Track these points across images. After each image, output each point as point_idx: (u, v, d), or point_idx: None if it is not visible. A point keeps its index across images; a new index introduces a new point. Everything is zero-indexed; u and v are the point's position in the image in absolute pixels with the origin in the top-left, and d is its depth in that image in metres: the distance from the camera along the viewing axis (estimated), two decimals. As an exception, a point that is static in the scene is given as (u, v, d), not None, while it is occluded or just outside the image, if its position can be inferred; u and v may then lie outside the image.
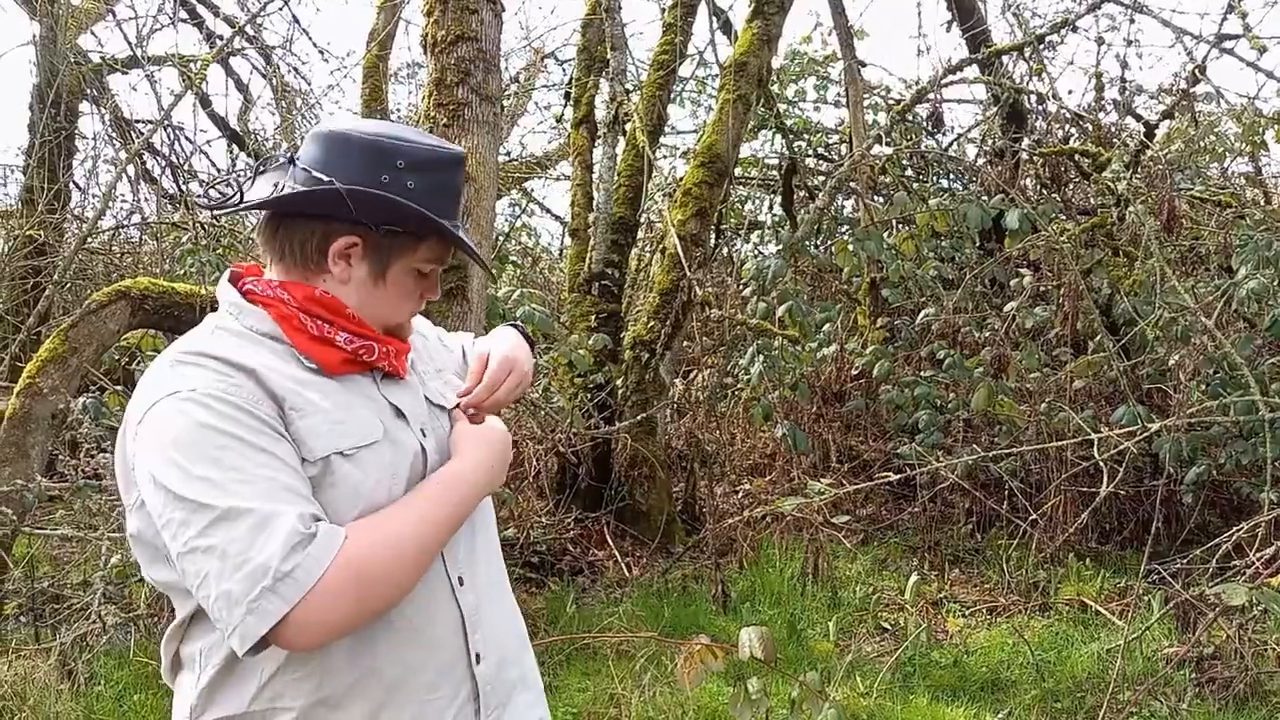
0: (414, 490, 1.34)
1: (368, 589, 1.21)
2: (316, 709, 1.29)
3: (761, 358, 5.46)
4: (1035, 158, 7.34)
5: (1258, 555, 3.93)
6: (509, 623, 1.54)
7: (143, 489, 1.25)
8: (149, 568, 1.33)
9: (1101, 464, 4.47)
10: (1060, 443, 5.08)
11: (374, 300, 1.41)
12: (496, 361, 1.54)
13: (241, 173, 1.46)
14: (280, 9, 8.66)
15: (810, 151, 8.93)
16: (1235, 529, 4.24)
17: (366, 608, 1.23)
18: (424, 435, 1.42)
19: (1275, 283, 5.09)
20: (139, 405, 1.28)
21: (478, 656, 1.42)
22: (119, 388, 4.79)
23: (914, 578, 4.13)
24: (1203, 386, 5.19)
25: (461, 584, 1.42)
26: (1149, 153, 6.82)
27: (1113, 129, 7.57)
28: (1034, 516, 5.01)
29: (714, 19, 7.72)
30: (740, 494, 6.25)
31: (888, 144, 7.59)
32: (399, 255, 1.40)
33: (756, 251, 8.56)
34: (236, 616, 1.15)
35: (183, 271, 5.92)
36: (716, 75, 7.81)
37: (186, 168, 9.11)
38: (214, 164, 9.57)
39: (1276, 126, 7.06)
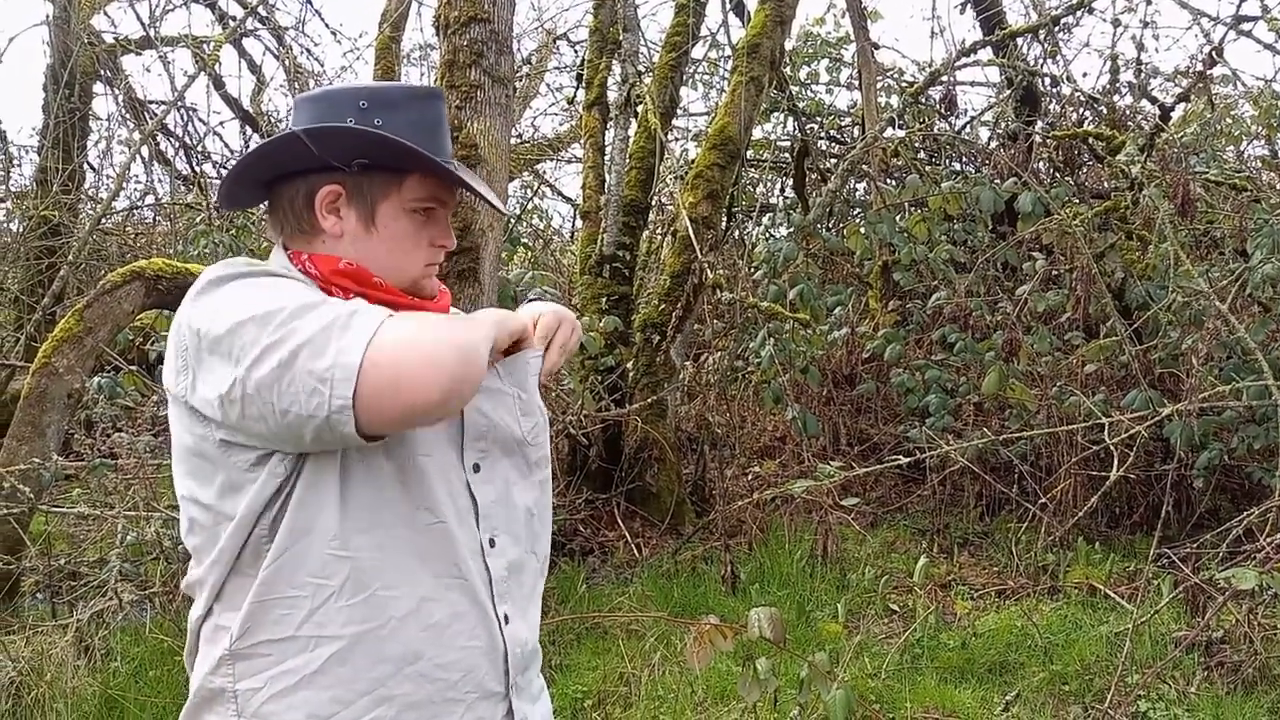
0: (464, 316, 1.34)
1: (404, 364, 1.14)
2: (365, 639, 1.29)
3: (772, 341, 5.47)
4: (1049, 141, 7.30)
5: (1268, 540, 3.93)
6: (536, 599, 1.53)
7: (202, 357, 1.22)
8: (200, 487, 1.30)
9: (1112, 448, 4.48)
10: (1071, 426, 5.07)
11: (375, 251, 1.38)
12: (548, 315, 1.51)
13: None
14: (292, -10, 8.65)
15: (822, 134, 8.90)
16: (1246, 513, 4.24)
17: (417, 373, 1.14)
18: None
19: (1290, 267, 5.06)
20: (186, 307, 1.27)
21: (505, 617, 1.42)
22: (133, 367, 4.82)
23: (923, 560, 4.13)
24: (1215, 371, 5.17)
25: (493, 545, 1.41)
26: (1164, 136, 6.77)
27: (1127, 112, 7.52)
28: (1044, 500, 5.01)
29: (727, 0, 7.69)
30: (750, 476, 6.27)
31: (900, 127, 7.55)
32: (383, 194, 1.37)
33: (768, 234, 8.53)
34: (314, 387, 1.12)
35: (196, 252, 5.95)
36: (729, 57, 7.79)
37: (200, 149, 9.15)
38: (227, 145, 9.61)
39: (1293, 110, 7.01)
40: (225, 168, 9.40)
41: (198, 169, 9.12)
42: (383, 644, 1.30)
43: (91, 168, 9.18)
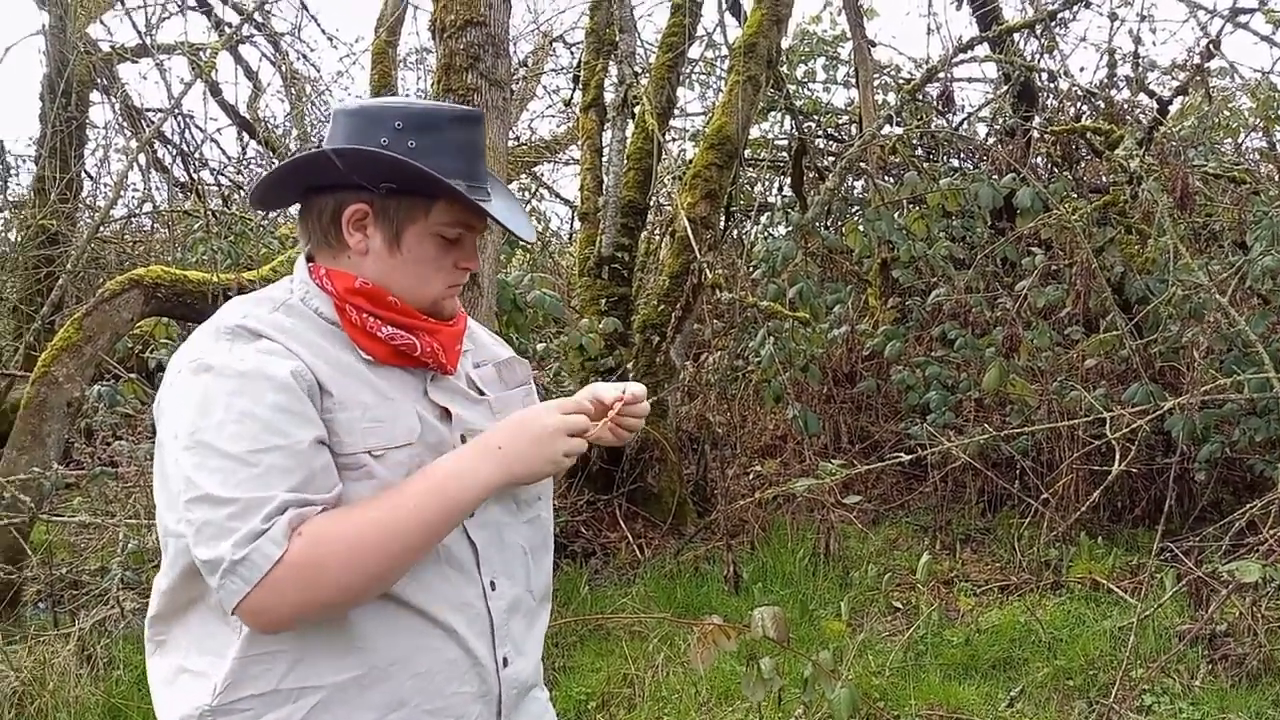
0: (399, 486, 1.29)
1: (313, 585, 1.21)
2: (349, 687, 1.30)
3: (772, 340, 5.46)
4: (1046, 136, 7.30)
5: (1271, 532, 3.93)
6: (537, 629, 1.53)
7: (162, 441, 1.29)
8: (167, 511, 1.33)
9: (1114, 442, 4.47)
10: (1072, 421, 5.07)
11: (397, 272, 1.38)
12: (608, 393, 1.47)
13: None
14: (288, -5, 8.66)
15: (820, 132, 8.89)
16: (1248, 506, 4.24)
17: (317, 599, 1.22)
18: (463, 441, 1.40)
19: (1289, 259, 5.06)
20: (178, 362, 1.30)
21: (505, 660, 1.42)
22: (133, 375, 4.82)
23: (925, 557, 4.12)
24: (1216, 364, 5.16)
25: (494, 588, 1.41)
26: (1162, 129, 6.77)
27: (1125, 106, 7.51)
28: (1046, 495, 5.00)
29: (723, 0, 7.69)
30: (751, 475, 6.26)
31: (898, 124, 7.55)
32: (411, 219, 1.37)
33: (766, 233, 8.53)
34: (214, 583, 1.20)
35: (194, 259, 5.95)
36: (725, 57, 7.79)
37: (197, 156, 9.15)
38: (224, 152, 9.61)
39: (1291, 101, 7.00)
40: (222, 175, 9.41)
41: (195, 176, 9.12)
42: (366, 692, 1.31)
43: (89, 176, 9.19)
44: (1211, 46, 6.44)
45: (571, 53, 10.29)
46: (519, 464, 1.33)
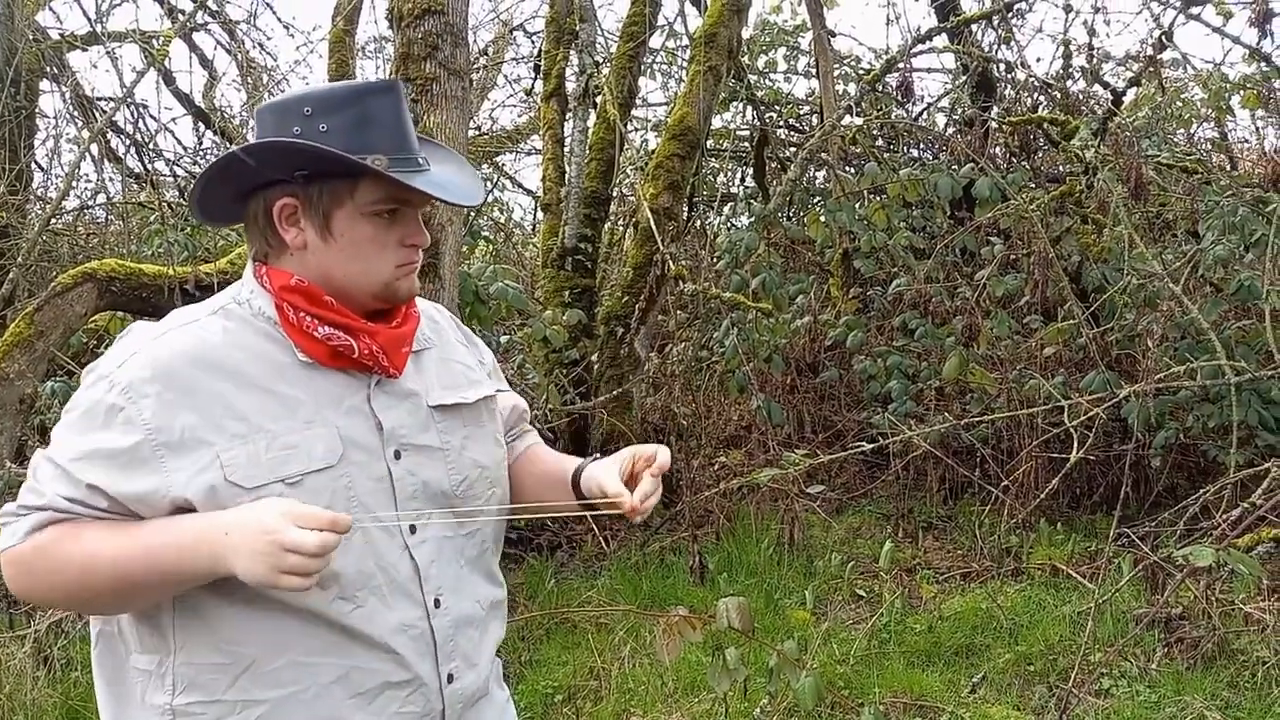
0: (137, 527, 1.26)
1: (27, 584, 1.31)
2: (289, 702, 1.31)
3: (736, 331, 5.47)
4: (1004, 126, 7.37)
5: (1224, 516, 4.00)
6: (490, 638, 1.51)
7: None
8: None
9: (1072, 430, 4.53)
10: (1031, 409, 5.13)
11: (337, 260, 1.34)
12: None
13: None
14: (243, -17, 8.52)
15: (781, 123, 8.91)
16: (1202, 491, 4.32)
17: (33, 596, 1.36)
18: (396, 458, 1.37)
19: (1240, 248, 5.15)
20: (110, 354, 1.34)
21: (450, 676, 1.41)
22: (87, 371, 4.73)
23: (888, 545, 4.16)
24: (1170, 351, 5.25)
25: (438, 606, 1.40)
26: (1116, 120, 6.86)
27: (1081, 96, 7.61)
28: (1005, 483, 5.07)
29: (683, -10, 7.66)
30: (716, 466, 6.28)
31: (858, 114, 7.59)
32: (336, 202, 1.33)
33: (729, 224, 8.55)
34: None
35: (150, 252, 5.84)
36: (687, 47, 7.78)
37: (152, 146, 8.97)
38: (180, 142, 9.45)
39: (1242, 92, 7.13)
40: (178, 165, 9.25)
41: (150, 167, 8.96)
42: (307, 706, 1.31)
43: (40, 167, 9.00)
44: (1164, 38, 6.53)
45: (532, 42, 10.23)
46: (238, 559, 1.19)
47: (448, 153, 1.50)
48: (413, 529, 1.38)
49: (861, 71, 8.20)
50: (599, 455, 1.53)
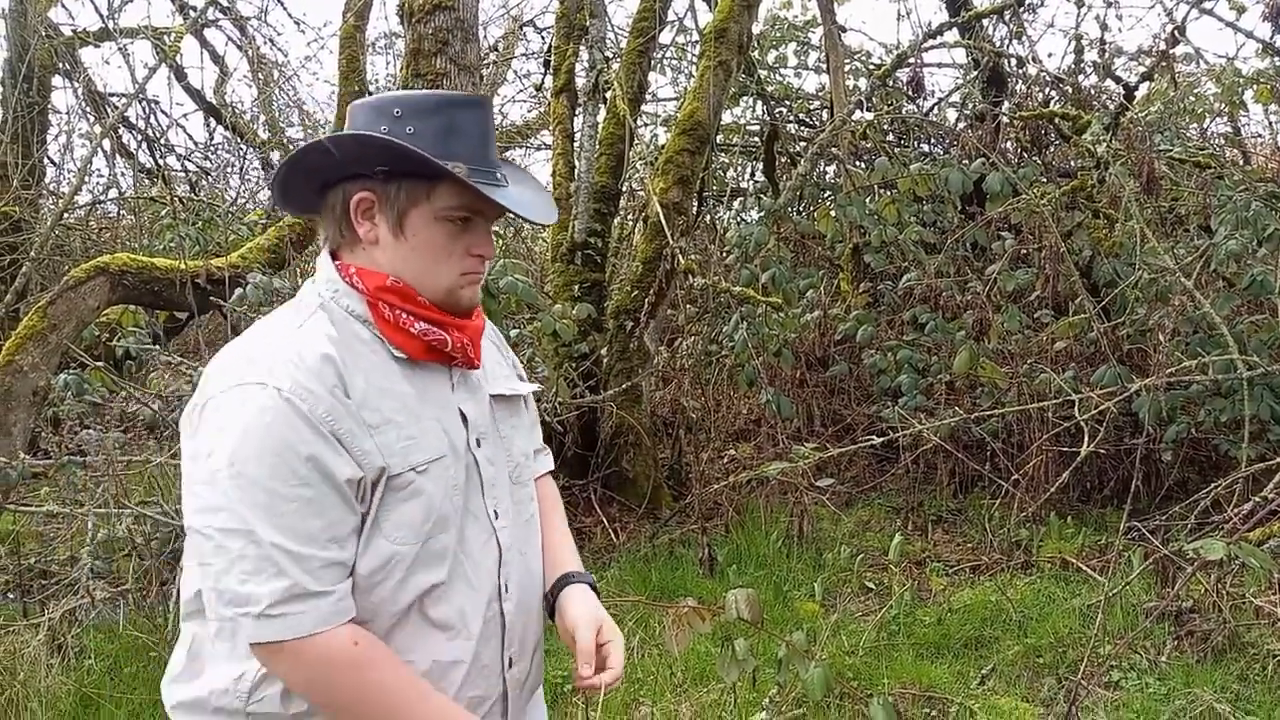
0: (429, 688, 1.33)
1: (325, 687, 1.28)
2: None
3: (745, 325, 5.48)
4: (1015, 121, 7.34)
5: (1235, 510, 4.00)
6: (539, 627, 1.56)
7: (193, 457, 1.29)
8: None
9: (1082, 424, 4.53)
10: (1041, 403, 5.12)
11: (407, 259, 1.38)
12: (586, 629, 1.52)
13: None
14: (254, -21, 8.55)
15: (791, 118, 8.90)
16: (1213, 485, 4.31)
17: (309, 695, 1.29)
18: (478, 445, 1.43)
19: (1253, 243, 5.13)
20: (219, 376, 1.30)
21: (510, 660, 1.46)
22: (100, 364, 4.76)
23: (898, 538, 4.17)
24: (1182, 346, 5.23)
25: (506, 590, 1.45)
26: (1128, 115, 6.82)
27: (1092, 91, 7.57)
28: (1016, 476, 5.06)
29: (693, -16, 7.66)
30: (725, 459, 6.28)
31: (869, 109, 7.57)
32: (413, 202, 1.36)
33: (739, 219, 8.54)
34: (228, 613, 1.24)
35: (162, 246, 5.88)
36: (697, 42, 7.77)
37: (163, 141, 9.03)
38: (191, 137, 9.50)
39: (1255, 87, 7.09)
40: (189, 160, 9.30)
41: (161, 162, 9.00)
42: None
43: (52, 162, 9.06)
44: (1176, 32, 6.50)
45: (542, 37, 10.23)
46: None
47: (525, 175, 1.54)
48: (496, 514, 1.43)
49: (872, 66, 8.19)
50: (586, 584, 1.58)
